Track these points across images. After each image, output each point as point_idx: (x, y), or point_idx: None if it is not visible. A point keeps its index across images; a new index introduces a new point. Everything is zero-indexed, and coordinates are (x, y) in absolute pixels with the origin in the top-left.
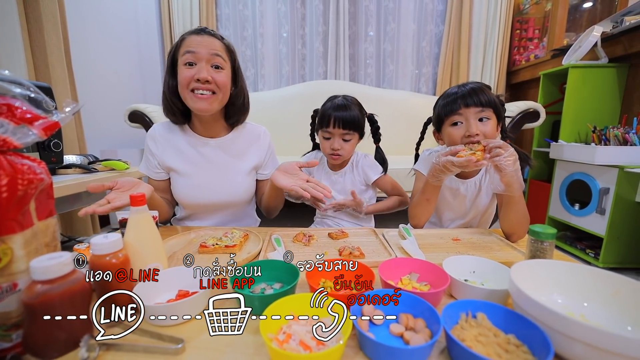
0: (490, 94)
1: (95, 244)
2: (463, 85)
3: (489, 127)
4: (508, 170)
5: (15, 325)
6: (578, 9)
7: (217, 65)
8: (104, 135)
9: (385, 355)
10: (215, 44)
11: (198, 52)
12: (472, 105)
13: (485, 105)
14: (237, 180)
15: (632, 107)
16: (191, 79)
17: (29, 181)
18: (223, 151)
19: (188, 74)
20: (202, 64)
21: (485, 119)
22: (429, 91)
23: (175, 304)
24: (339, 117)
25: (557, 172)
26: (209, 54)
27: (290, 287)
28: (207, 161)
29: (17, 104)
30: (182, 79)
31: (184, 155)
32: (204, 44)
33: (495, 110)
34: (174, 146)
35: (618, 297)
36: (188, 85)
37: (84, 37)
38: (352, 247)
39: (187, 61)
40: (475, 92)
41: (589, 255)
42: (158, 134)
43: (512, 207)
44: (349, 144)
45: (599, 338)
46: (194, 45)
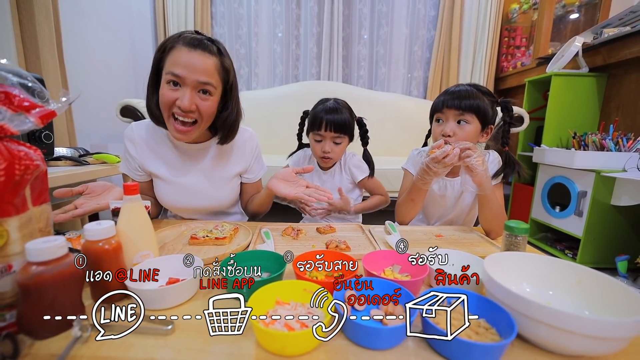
0: (478, 100)
1: (89, 230)
2: (457, 86)
3: (465, 131)
4: (478, 170)
5: (9, 305)
6: (563, 20)
7: (204, 90)
8: (94, 129)
9: (364, 335)
10: (208, 64)
11: (185, 77)
12: (452, 107)
13: (466, 109)
14: (220, 186)
15: (609, 114)
16: (172, 103)
17: (26, 167)
18: (206, 156)
19: (170, 97)
20: (187, 90)
21: (463, 122)
22: (420, 94)
23: (166, 288)
24: (330, 120)
25: (540, 176)
26: (196, 80)
27: (277, 274)
28: (189, 166)
29: (15, 92)
30: (164, 100)
31: (165, 160)
32: (194, 66)
33: (480, 116)
34: (154, 151)
35: (581, 285)
36: (169, 108)
37: (76, 29)
38: (338, 241)
39: (170, 80)
40: (461, 96)
41: (567, 255)
42: (137, 137)
43: (486, 205)
44: (339, 147)
45: (558, 319)
46: (181, 65)
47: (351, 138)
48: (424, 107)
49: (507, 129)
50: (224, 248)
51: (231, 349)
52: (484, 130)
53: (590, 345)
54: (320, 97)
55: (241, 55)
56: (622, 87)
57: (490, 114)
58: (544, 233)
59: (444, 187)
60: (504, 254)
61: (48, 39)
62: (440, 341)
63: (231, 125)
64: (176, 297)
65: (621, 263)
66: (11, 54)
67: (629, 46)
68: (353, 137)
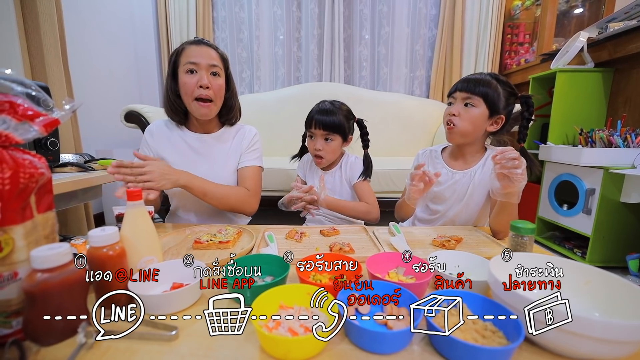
0: (489, 87)
1: (93, 237)
2: (475, 74)
3: (470, 113)
4: (520, 184)
5: (15, 312)
6: (567, 15)
7: (214, 72)
8: (99, 135)
9: (369, 340)
10: (212, 54)
11: (199, 63)
12: (462, 90)
13: (474, 93)
14: (223, 174)
15: (617, 110)
16: (194, 85)
17: (30, 175)
18: (214, 144)
19: (191, 81)
20: (203, 72)
21: (470, 105)
22: (423, 94)
23: (170, 294)
24: (320, 118)
25: (546, 174)
26: (208, 64)
27: (281, 278)
28: (197, 155)
29: (19, 102)
30: (186, 86)
31: (176, 148)
32: (203, 55)
33: (488, 102)
34: (169, 139)
35: (589, 286)
36: (192, 92)
37: (81, 37)
38: (342, 244)
39: (188, 69)
40: (473, 81)
41: (576, 254)
42: (156, 129)
43: (506, 210)
44: (330, 146)
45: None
46: (194, 55)
47: (344, 138)
48: (426, 107)
49: (525, 125)
50: (227, 252)
51: (235, 354)
52: (493, 119)
53: (600, 348)
54: (322, 98)
55: (243, 59)
56: (629, 82)
57: (501, 104)
58: (552, 232)
59: (450, 177)
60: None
61: (53, 48)
62: (446, 345)
63: (233, 104)
64: (180, 302)
65: (632, 262)
66: (17, 64)
67: (635, 40)
68: (346, 137)
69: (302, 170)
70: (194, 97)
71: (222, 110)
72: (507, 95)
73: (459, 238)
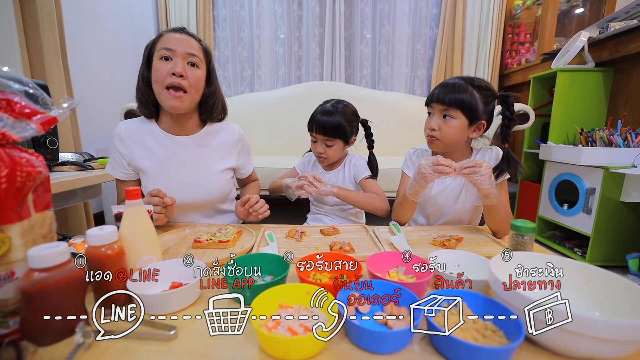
0: (464, 94)
1: (91, 235)
2: (450, 79)
3: (450, 126)
4: (485, 186)
5: (12, 312)
6: (567, 15)
7: (192, 62)
8: (99, 134)
9: (369, 339)
10: (192, 43)
11: (175, 50)
12: (438, 102)
13: (450, 104)
14: (208, 179)
15: (617, 109)
16: (167, 73)
17: (28, 173)
18: (194, 148)
19: (164, 69)
20: (178, 60)
21: (448, 117)
22: (424, 93)
23: (169, 293)
24: (320, 124)
25: (547, 173)
26: (185, 52)
27: (280, 278)
28: (177, 159)
29: (16, 99)
30: (157, 73)
31: (152, 154)
32: (181, 42)
33: (465, 111)
34: (142, 145)
35: (590, 286)
36: (163, 80)
37: (80, 36)
38: (342, 243)
39: (163, 55)
40: (447, 90)
41: (576, 254)
42: (125, 133)
43: (492, 210)
44: (331, 149)
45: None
46: (171, 42)
47: (346, 141)
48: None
49: (506, 124)
50: (227, 251)
51: (234, 354)
52: (474, 125)
53: (600, 347)
54: (323, 98)
55: (244, 58)
56: (629, 82)
57: (479, 109)
58: (552, 231)
59: (442, 181)
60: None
61: (52, 47)
62: (447, 345)
63: (214, 103)
64: (180, 302)
65: (632, 261)
66: (17, 62)
67: (636, 40)
68: (348, 139)
69: (301, 167)
70: (165, 84)
71: (201, 109)
72: (484, 98)
73: (459, 237)
